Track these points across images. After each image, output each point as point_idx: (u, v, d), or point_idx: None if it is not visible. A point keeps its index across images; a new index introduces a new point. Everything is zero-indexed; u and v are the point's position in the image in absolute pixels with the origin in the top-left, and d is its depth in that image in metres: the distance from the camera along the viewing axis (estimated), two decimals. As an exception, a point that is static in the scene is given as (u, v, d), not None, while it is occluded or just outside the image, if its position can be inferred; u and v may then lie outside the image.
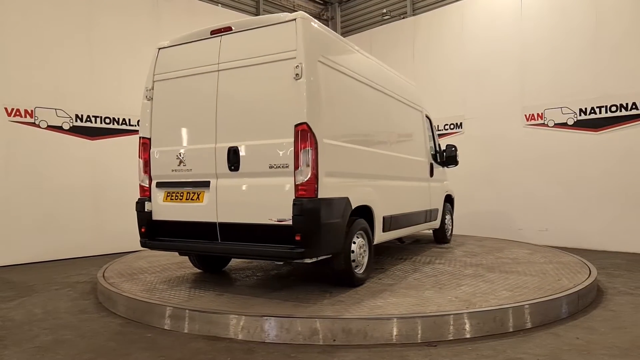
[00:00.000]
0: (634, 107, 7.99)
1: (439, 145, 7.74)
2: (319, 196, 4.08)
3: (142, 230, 4.94)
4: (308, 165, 4.04)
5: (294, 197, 4.06)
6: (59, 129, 7.92)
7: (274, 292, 4.73)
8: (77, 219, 8.04)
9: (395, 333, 3.78)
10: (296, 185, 4.07)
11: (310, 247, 4.07)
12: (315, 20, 4.50)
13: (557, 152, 8.82)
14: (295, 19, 4.21)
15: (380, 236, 5.32)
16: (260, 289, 4.90)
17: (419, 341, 3.77)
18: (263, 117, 4.32)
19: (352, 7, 13.66)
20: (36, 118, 7.69)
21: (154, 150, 4.96)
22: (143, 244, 4.94)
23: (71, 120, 8.05)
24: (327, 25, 13.94)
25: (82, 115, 8.18)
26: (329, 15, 14.00)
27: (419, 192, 6.69)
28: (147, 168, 4.99)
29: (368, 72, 5.41)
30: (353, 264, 4.72)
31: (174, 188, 4.81)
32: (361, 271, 4.88)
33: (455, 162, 7.69)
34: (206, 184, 4.57)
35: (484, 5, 9.96)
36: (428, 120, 7.47)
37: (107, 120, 8.46)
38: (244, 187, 4.39)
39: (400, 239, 7.46)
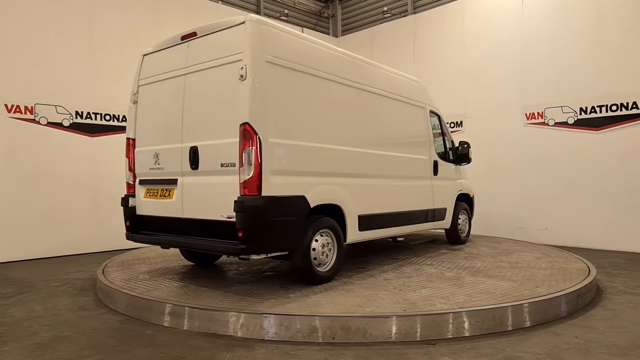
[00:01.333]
0: (634, 106, 7.98)
1: (452, 142, 7.51)
2: (264, 194, 4.20)
3: (127, 224, 5.33)
4: (250, 164, 4.16)
5: (238, 195, 4.20)
6: (59, 125, 7.91)
7: (236, 285, 4.91)
8: (77, 216, 8.05)
9: (394, 331, 3.78)
10: (240, 183, 4.19)
11: (252, 243, 4.22)
12: (269, 22, 4.62)
13: (557, 151, 8.82)
14: (244, 22, 4.37)
15: (355, 235, 5.28)
16: (228, 282, 5.02)
17: (418, 339, 3.78)
18: (217, 117, 4.53)
19: (353, 5, 13.64)
20: (36, 115, 7.69)
21: (137, 150, 5.34)
22: (127, 237, 5.26)
23: (71, 117, 8.05)
24: (328, 23, 13.93)
25: (82, 112, 8.17)
26: (329, 13, 13.98)
27: (416, 191, 6.51)
28: (131, 166, 5.39)
29: (337, 68, 5.27)
30: (314, 262, 4.77)
31: (151, 185, 5.14)
32: (325, 269, 4.90)
33: (468, 160, 7.47)
34: (174, 182, 4.84)
35: (484, 4, 9.95)
36: (437, 117, 7.22)
37: (107, 117, 8.45)
38: (202, 185, 4.61)
39: (394, 238, 7.16)
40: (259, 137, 4.19)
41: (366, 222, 5.41)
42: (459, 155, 7.45)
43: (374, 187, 5.65)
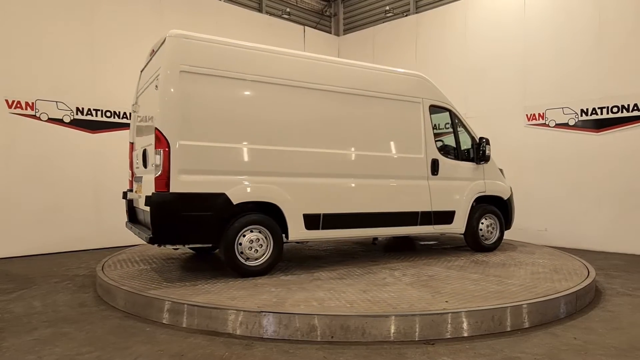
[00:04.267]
0: (635, 108, 7.97)
1: (473, 138, 6.81)
2: (172, 191, 4.67)
3: (126, 214, 6.19)
4: (159, 164, 4.69)
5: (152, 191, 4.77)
6: (59, 121, 7.91)
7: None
8: (77, 212, 8.05)
9: (393, 331, 3.79)
10: (154, 181, 4.75)
11: (160, 234, 4.72)
12: (192, 35, 4.98)
13: (557, 153, 8.81)
14: (165, 39, 4.94)
15: (301, 234, 5.37)
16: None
17: (417, 339, 3.78)
18: (151, 123, 5.14)
19: (355, 4, 13.62)
20: (37, 110, 7.68)
21: (134, 152, 6.22)
22: (126, 225, 5.94)
23: (72, 114, 8.04)
24: (330, 22, 13.92)
25: (82, 109, 8.17)
26: (331, 12, 13.97)
27: (400, 191, 6.14)
28: (131, 165, 6.28)
29: (272, 70, 5.34)
30: (242, 256, 5.06)
31: (136, 182, 5.87)
32: (256, 264, 5.13)
33: (485, 158, 6.77)
34: (140, 179, 5.57)
35: (487, 4, 9.93)
36: (446, 112, 6.69)
37: (108, 114, 8.45)
38: (145, 182, 5.28)
39: (373, 240, 6.87)
40: (167, 141, 4.69)
41: (315, 221, 5.41)
42: (477, 153, 6.76)
43: (329, 187, 5.56)
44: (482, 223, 6.80)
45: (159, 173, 4.69)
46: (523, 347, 3.64)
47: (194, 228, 4.83)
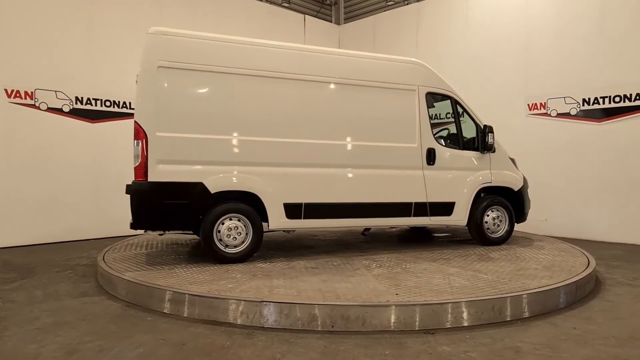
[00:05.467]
0: (637, 97, 7.92)
1: (479, 126, 6.48)
2: (150, 180, 4.93)
3: None
4: (138, 155, 4.96)
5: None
6: (59, 111, 7.88)
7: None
8: (78, 202, 8.05)
9: (393, 320, 3.80)
10: (134, 170, 5.04)
11: (138, 220, 5.01)
12: (171, 31, 5.17)
13: (559, 142, 8.78)
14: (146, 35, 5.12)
15: (282, 223, 5.47)
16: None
17: (417, 329, 3.80)
18: None
19: (356, -8, 13.49)
20: (36, 100, 7.65)
21: None
22: None
23: (71, 103, 8.01)
24: (330, 10, 13.79)
25: (82, 98, 8.13)
26: (332, 0, 13.84)
27: (390, 181, 5.97)
28: None
29: (252, 62, 5.39)
30: (220, 243, 5.24)
31: None
32: (235, 251, 5.30)
33: (488, 147, 6.41)
34: None
35: (489, -8, 9.83)
36: (447, 99, 6.45)
37: (108, 103, 8.41)
38: None
39: (363, 231, 6.72)
40: (145, 132, 4.92)
41: (296, 210, 5.47)
42: (482, 142, 6.42)
43: (311, 176, 5.58)
44: (488, 215, 6.47)
45: (138, 163, 4.98)
46: (523, 337, 3.66)
47: (172, 215, 5.10)
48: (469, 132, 6.61)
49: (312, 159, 5.62)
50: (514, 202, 6.69)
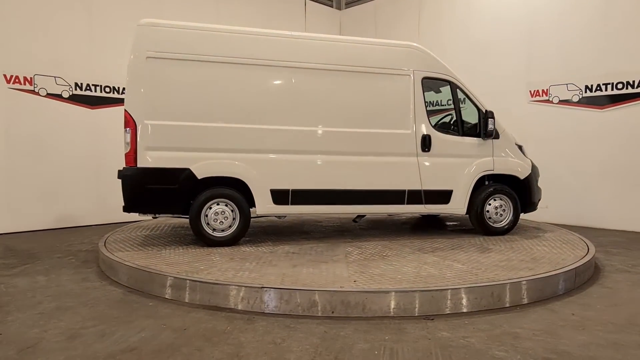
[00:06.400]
0: (640, 84, 7.88)
1: (481, 112, 6.23)
2: (139, 165, 5.20)
3: None
4: (128, 142, 5.21)
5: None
6: (58, 97, 7.84)
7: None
8: (78, 188, 8.06)
9: (393, 306, 3.83)
10: (124, 157, 5.30)
11: (129, 204, 5.29)
12: (160, 23, 5.34)
13: (560, 129, 8.74)
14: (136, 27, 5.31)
15: (269, 208, 5.59)
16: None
17: (417, 314, 3.83)
18: None
19: (357, -23, 13.31)
20: (35, 85, 7.61)
21: None
22: None
23: (70, 89, 7.97)
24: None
25: (81, 84, 8.08)
26: (333, -15, 13.65)
27: (381, 168, 5.87)
28: None
29: (238, 50, 5.48)
30: (208, 227, 5.45)
31: None
32: (222, 235, 5.50)
33: (489, 134, 6.15)
34: None
35: (492, -23, 9.70)
36: (446, 84, 6.26)
37: (107, 89, 8.36)
38: None
39: (355, 217, 6.62)
40: (134, 120, 5.18)
41: (283, 196, 5.57)
42: (482, 128, 6.19)
43: (298, 163, 5.62)
44: (490, 204, 6.24)
45: (128, 150, 5.23)
46: (521, 323, 3.69)
47: (161, 199, 5.35)
48: (471, 118, 6.44)
49: (300, 146, 5.66)
50: (520, 191, 6.42)
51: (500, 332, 3.50)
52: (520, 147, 6.60)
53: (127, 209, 5.34)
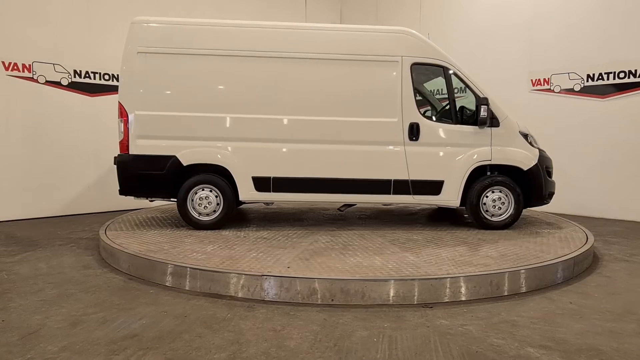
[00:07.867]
0: (642, 73, 7.83)
1: (479, 99, 5.87)
2: (131, 153, 5.65)
3: None
4: (121, 131, 5.66)
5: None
6: (57, 84, 7.81)
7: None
8: (78, 176, 8.07)
9: (392, 294, 3.86)
10: (119, 145, 5.72)
11: (124, 188, 5.77)
12: (151, 19, 5.71)
13: (562, 119, 8.72)
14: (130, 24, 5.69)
15: (251, 195, 5.80)
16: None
17: (416, 302, 3.86)
18: None
19: (359, -37, 13.16)
20: (34, 73, 7.57)
21: None
22: None
23: (70, 76, 7.93)
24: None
25: (80, 71, 8.04)
26: (334, -29, 13.51)
27: (365, 158, 5.78)
28: None
29: (222, 42, 5.71)
30: (194, 211, 5.81)
31: None
32: (208, 219, 5.83)
33: (482, 122, 5.82)
34: None
35: (495, -36, 9.59)
36: (440, 70, 6.01)
37: (107, 77, 8.32)
38: None
39: (341, 207, 6.52)
40: (126, 111, 5.62)
41: (265, 184, 5.75)
42: (477, 116, 5.87)
43: (280, 151, 5.75)
44: (487, 197, 5.89)
45: (121, 138, 5.66)
46: (520, 311, 3.72)
47: (151, 184, 5.75)
48: (469, 105, 6.19)
49: (282, 135, 5.77)
50: (525, 183, 6.00)
51: (498, 320, 3.53)
52: (525, 136, 6.19)
53: (122, 192, 5.81)
